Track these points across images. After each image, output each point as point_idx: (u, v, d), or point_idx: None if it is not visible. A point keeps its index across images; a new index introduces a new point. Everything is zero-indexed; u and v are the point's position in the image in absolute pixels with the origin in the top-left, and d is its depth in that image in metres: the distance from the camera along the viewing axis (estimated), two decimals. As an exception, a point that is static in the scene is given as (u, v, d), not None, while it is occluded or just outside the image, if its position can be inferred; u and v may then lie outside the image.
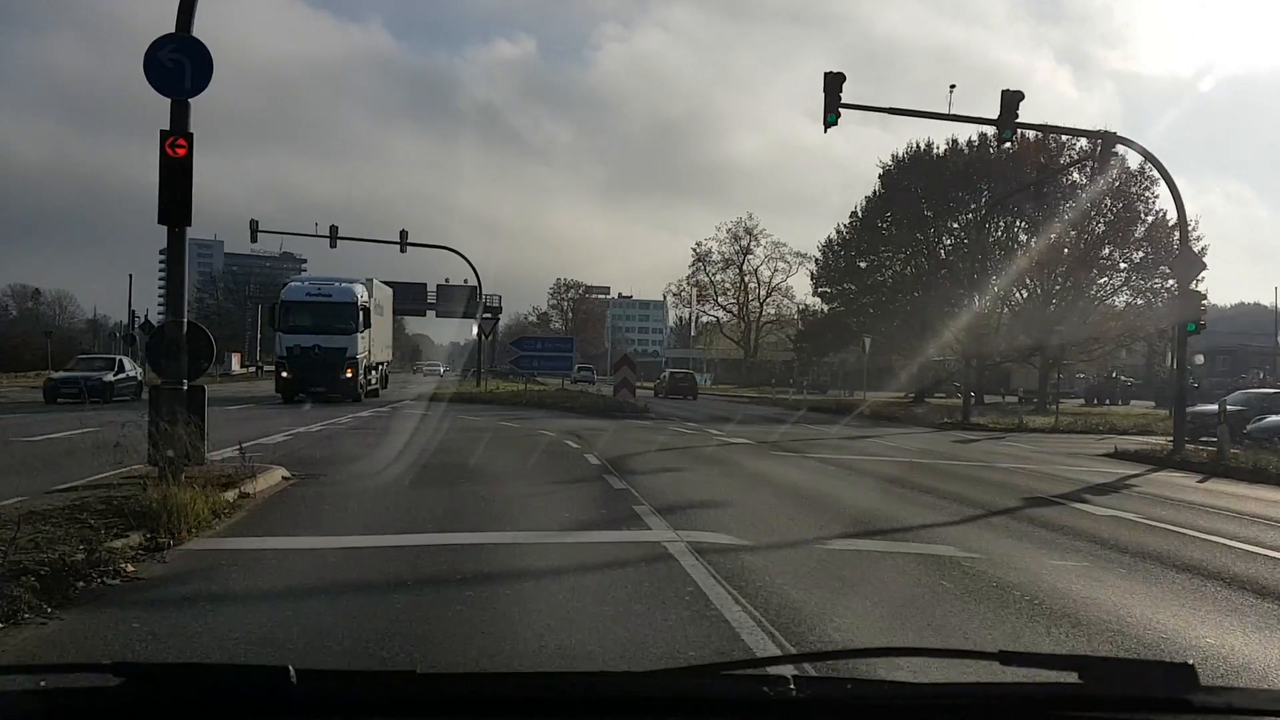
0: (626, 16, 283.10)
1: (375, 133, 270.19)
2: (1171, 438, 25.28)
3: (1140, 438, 26.87)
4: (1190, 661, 1.59)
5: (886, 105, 23.64)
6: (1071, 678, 1.45)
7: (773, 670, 1.59)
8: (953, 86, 21.68)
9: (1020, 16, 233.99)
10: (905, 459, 17.54)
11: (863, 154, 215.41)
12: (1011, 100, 21.10)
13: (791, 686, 1.40)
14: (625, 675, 1.77)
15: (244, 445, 11.05)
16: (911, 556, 7.58)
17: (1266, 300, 79.57)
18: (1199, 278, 22.01)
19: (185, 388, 10.62)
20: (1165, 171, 21.67)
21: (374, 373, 36.36)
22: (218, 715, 1.40)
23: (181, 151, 10.38)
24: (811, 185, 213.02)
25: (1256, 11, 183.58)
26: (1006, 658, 1.54)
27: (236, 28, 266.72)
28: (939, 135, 56.71)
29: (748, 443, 20.01)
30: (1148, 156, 22.20)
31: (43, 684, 1.57)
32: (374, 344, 35.56)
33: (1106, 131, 22.74)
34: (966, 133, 50.33)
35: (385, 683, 1.59)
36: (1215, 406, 24.84)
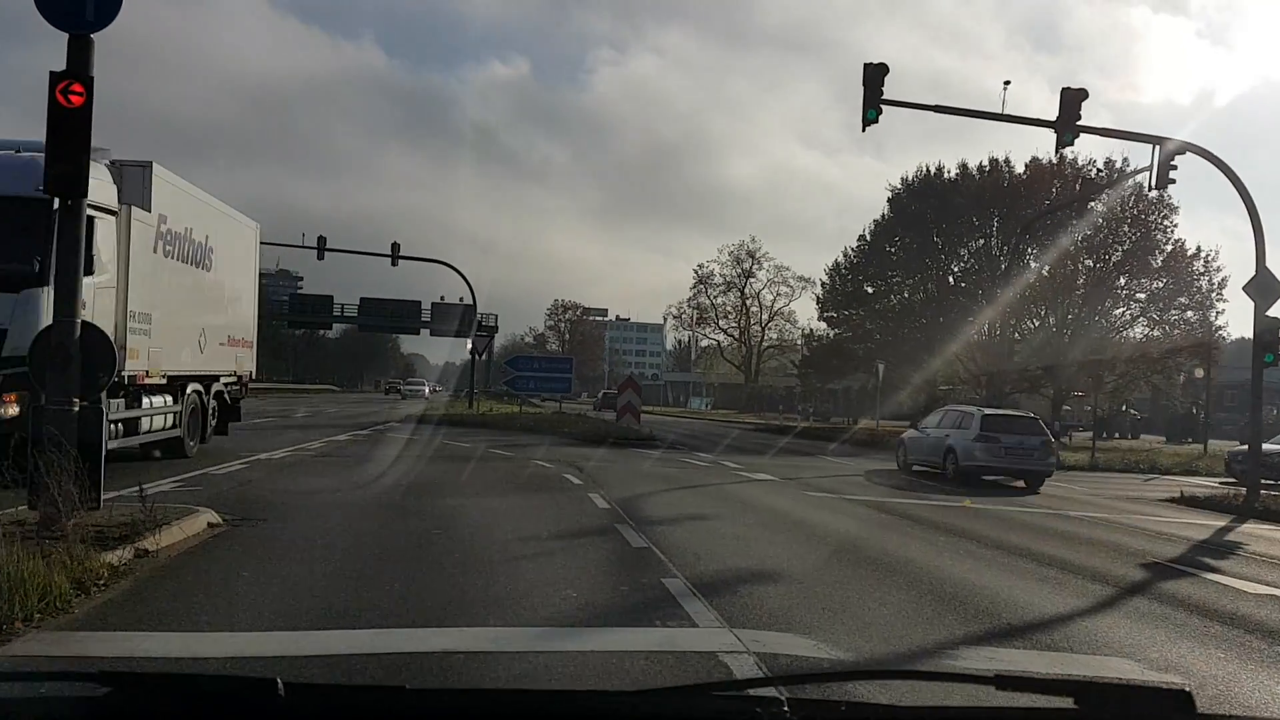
0: (620, 41, 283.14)
1: (369, 151, 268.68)
2: (1226, 480, 23.40)
3: (1188, 479, 24.63)
4: (1187, 687, 1.69)
5: (915, 111, 21.24)
6: (1067, 703, 1.38)
7: (763, 692, 1.46)
8: (1007, 83, 19.42)
9: (1016, 45, 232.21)
10: (955, 503, 15.05)
11: (857, 180, 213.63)
12: (1073, 100, 18.81)
13: (785, 708, 1.34)
14: (615, 695, 1.65)
15: (142, 486, 8.51)
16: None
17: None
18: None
19: (75, 408, 8.17)
20: (1238, 180, 19.35)
21: (157, 401, 14.61)
22: None
23: (78, 100, 7.96)
24: (806, 211, 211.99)
25: (1256, 40, 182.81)
26: (1002, 682, 1.46)
27: (227, 42, 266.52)
28: (950, 159, 55.27)
29: (773, 479, 17.51)
30: (1220, 165, 19.85)
31: (42, 691, 1.46)
32: (151, 322, 13.87)
33: (1164, 137, 20.51)
34: (978, 157, 48.96)
35: (374, 698, 1.52)
36: (1277, 446, 22.79)
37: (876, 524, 11.76)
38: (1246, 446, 21.02)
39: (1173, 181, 20.78)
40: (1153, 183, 20.83)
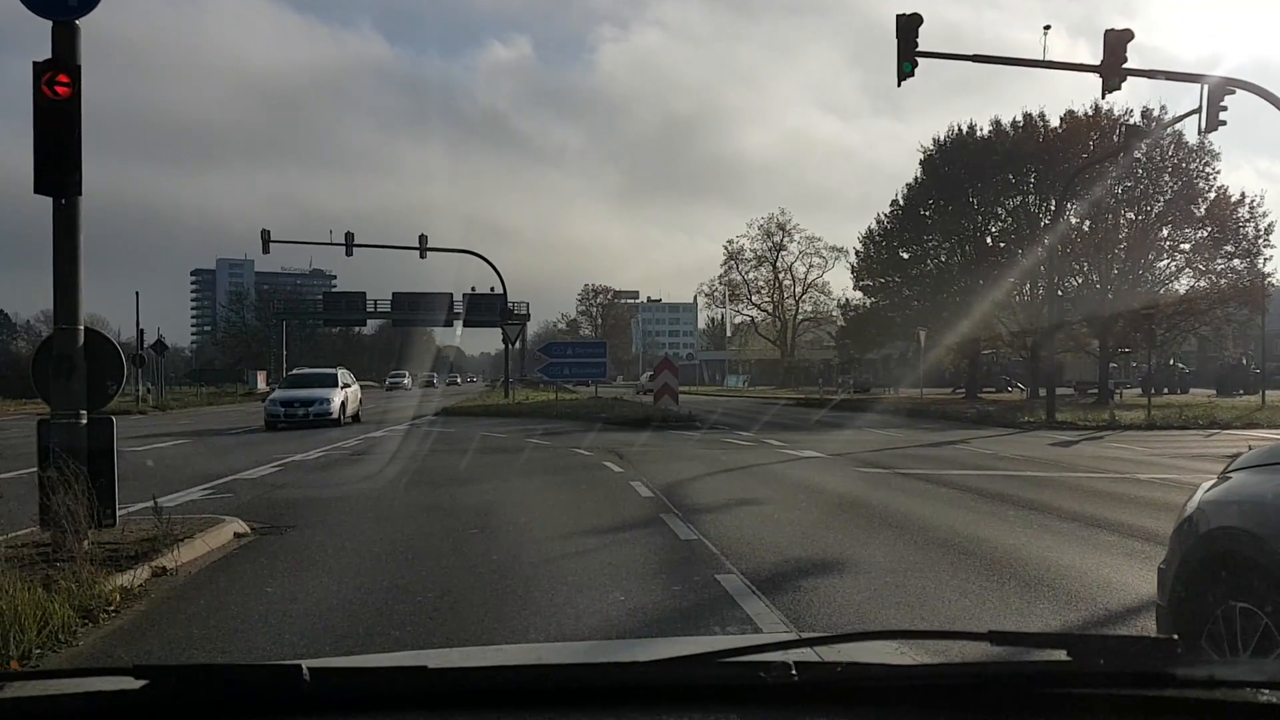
0: (620, 18, 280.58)
1: (382, 143, 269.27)
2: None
3: (1251, 432, 23.69)
4: (1174, 635, 1.68)
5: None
6: (1060, 655, 1.40)
7: (768, 657, 1.46)
8: (1047, 28, 18.52)
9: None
10: (1028, 473, 14.30)
11: (876, 145, 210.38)
12: (1117, 42, 17.87)
13: (793, 672, 1.37)
14: (623, 665, 1.59)
15: (155, 498, 8.05)
16: None
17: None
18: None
19: (84, 421, 7.71)
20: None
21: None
22: (231, 714, 1.35)
23: (65, 91, 7.45)
24: (829, 180, 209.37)
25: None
26: (996, 638, 1.48)
27: (228, 39, 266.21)
28: (969, 116, 54.17)
29: (819, 456, 16.84)
30: (1273, 101, 18.81)
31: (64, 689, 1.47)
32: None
33: (1214, 77, 19.51)
34: (1011, 113, 47.79)
35: (397, 677, 1.52)
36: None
37: (939, 500, 11.07)
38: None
39: (1224, 123, 19.79)
40: (1202, 125, 19.83)
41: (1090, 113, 44.84)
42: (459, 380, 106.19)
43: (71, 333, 7.65)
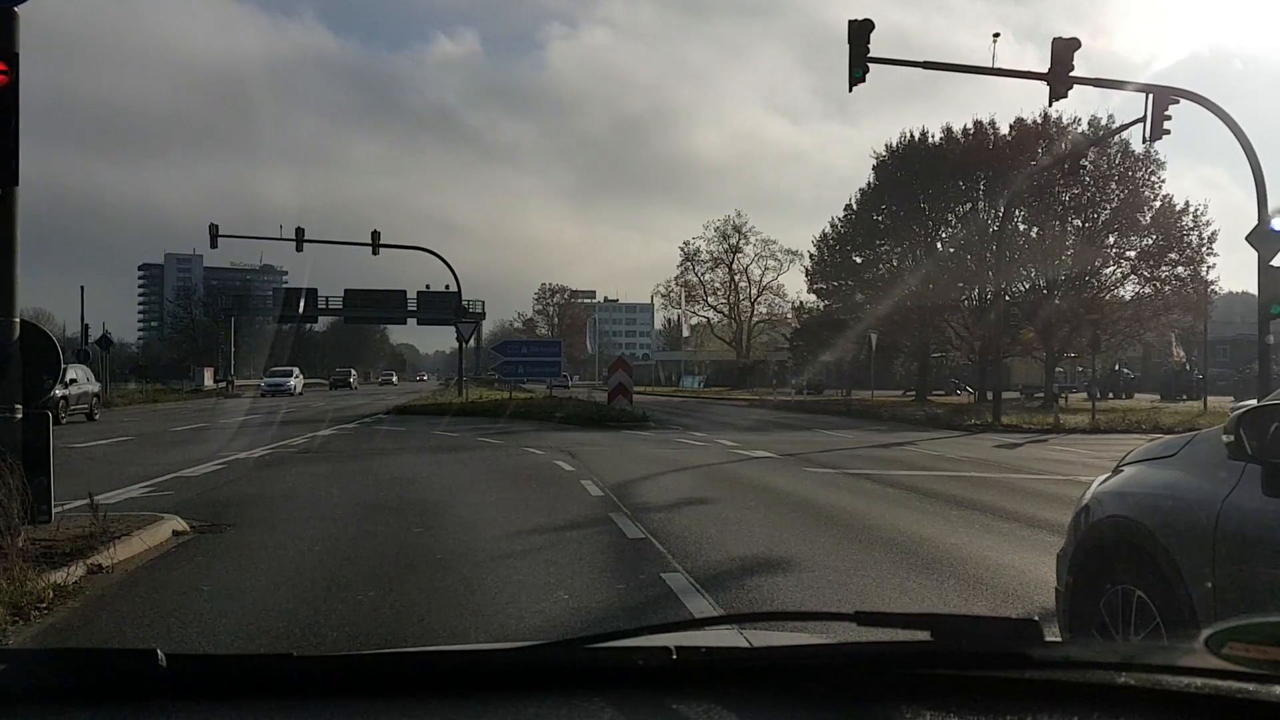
0: (568, 15, 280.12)
1: (330, 136, 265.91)
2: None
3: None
4: (1035, 617, 1.71)
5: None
6: (923, 636, 1.41)
7: (631, 643, 1.49)
8: (996, 35, 18.76)
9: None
10: (973, 474, 14.52)
11: (827, 149, 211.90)
12: (1064, 50, 18.19)
13: (674, 656, 1.39)
14: (487, 652, 1.69)
15: (92, 495, 7.88)
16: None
17: (1253, 288, 76.38)
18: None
19: (18, 416, 7.52)
20: (1238, 129, 18.80)
21: None
22: (89, 698, 1.34)
23: (2, 80, 7.27)
24: (781, 183, 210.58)
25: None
26: (862, 618, 1.49)
27: (167, 26, 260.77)
28: (917, 120, 54.92)
29: (770, 456, 16.94)
30: (1219, 114, 19.28)
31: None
32: None
33: (1159, 86, 19.95)
34: (958, 117, 48.57)
35: (258, 665, 1.54)
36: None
37: (884, 500, 11.19)
38: (1247, 403, 20.64)
39: (1168, 133, 20.21)
40: (1147, 134, 20.24)
41: (1039, 120, 45.60)
42: (394, 380, 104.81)
43: (6, 325, 7.45)
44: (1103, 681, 1.35)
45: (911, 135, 49.82)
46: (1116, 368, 60.62)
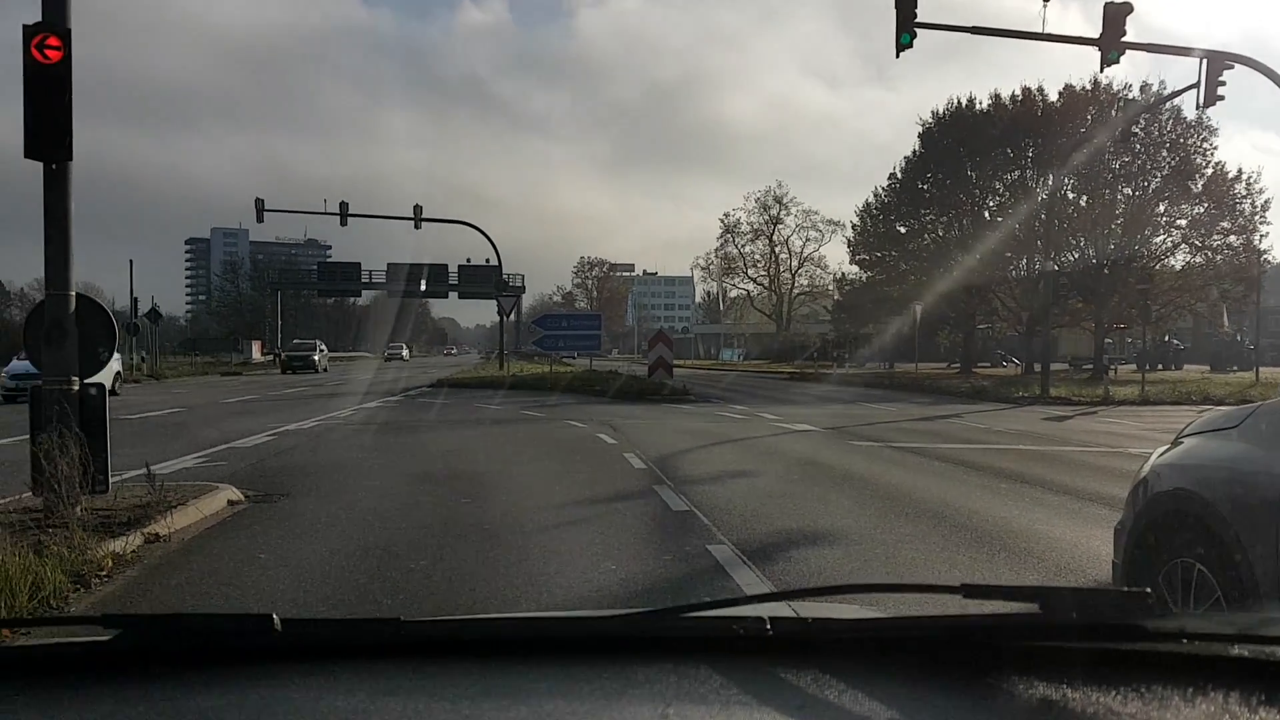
0: None
1: (364, 108, 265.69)
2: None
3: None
4: (1147, 589, 1.63)
5: (955, 35, 20.17)
6: (1032, 608, 1.38)
7: (740, 611, 1.51)
8: (1046, 1, 18.35)
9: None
10: (1021, 447, 14.37)
11: (865, 115, 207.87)
12: (1117, 14, 17.74)
13: (768, 627, 1.40)
14: (595, 619, 1.73)
15: (149, 465, 8.05)
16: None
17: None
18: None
19: (75, 388, 7.70)
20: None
21: None
22: (202, 663, 1.37)
23: (55, 55, 7.38)
24: (818, 151, 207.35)
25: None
26: (969, 591, 1.46)
27: None
28: (960, 85, 53.86)
29: (814, 430, 16.88)
30: (1271, 76, 18.72)
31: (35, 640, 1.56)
32: None
33: (1214, 51, 19.43)
34: (1000, 81, 47.57)
35: (368, 628, 1.56)
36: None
37: (931, 473, 11.11)
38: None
39: (1222, 99, 19.70)
40: (1201, 100, 19.74)
41: (1089, 87, 44.61)
42: (454, 351, 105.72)
43: (63, 298, 7.62)
44: (1218, 654, 1.32)
45: (958, 102, 48.93)
46: (1166, 338, 59.53)
